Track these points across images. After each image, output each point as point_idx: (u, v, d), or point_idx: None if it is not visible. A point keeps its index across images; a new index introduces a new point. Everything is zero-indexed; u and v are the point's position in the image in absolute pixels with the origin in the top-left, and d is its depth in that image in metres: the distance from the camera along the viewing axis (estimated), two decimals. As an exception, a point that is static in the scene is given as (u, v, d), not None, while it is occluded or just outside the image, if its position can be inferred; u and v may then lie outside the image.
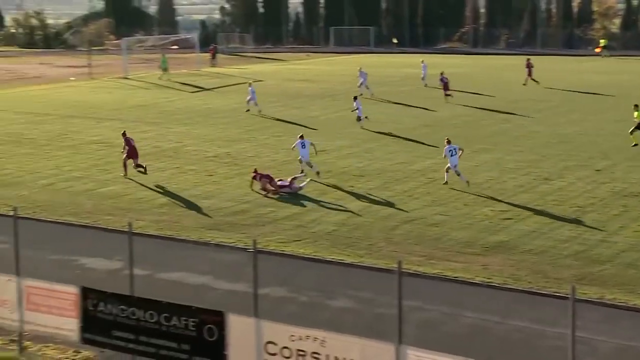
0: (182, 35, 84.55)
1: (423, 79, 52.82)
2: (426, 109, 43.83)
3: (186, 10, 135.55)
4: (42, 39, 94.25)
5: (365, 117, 37.77)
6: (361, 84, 48.43)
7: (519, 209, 24.17)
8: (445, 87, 46.60)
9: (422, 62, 55.03)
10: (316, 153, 28.72)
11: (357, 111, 37.66)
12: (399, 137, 35.87)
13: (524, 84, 52.31)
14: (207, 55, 70.20)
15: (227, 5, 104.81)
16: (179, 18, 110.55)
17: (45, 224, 22.79)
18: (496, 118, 40.84)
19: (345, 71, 63.63)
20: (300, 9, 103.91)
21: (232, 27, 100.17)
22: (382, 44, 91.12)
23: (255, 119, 40.47)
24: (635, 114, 33.69)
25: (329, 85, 53.63)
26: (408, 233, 21.97)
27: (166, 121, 40.01)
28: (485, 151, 32.54)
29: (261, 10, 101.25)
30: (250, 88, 42.96)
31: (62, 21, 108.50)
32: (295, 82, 56.67)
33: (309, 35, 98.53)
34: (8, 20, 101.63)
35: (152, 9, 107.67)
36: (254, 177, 26.08)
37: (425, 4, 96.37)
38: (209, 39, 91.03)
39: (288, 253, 20.38)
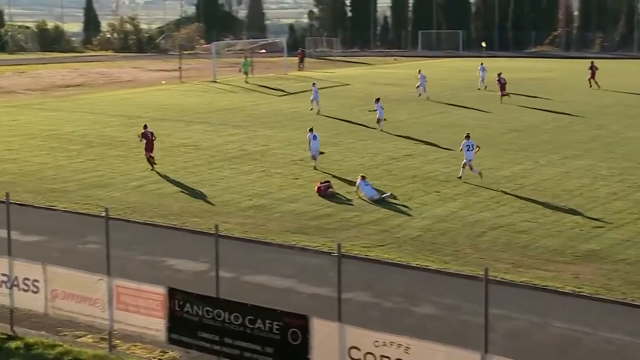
0: (270, 39, 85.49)
1: (482, 81, 53.21)
2: (515, 114, 43.09)
3: (275, 14, 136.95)
4: (135, 43, 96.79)
5: (384, 119, 38.32)
6: (419, 85, 49.32)
7: (612, 217, 23.45)
8: (503, 87, 47.11)
9: (482, 64, 55.42)
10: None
11: (377, 113, 38.24)
12: (486, 142, 35.35)
13: (590, 87, 52.48)
14: (295, 59, 70.79)
15: (315, 10, 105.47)
16: (267, 22, 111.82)
17: (135, 225, 23.33)
18: (588, 124, 39.79)
19: (433, 75, 63.07)
20: (388, 13, 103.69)
21: (320, 31, 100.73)
22: (470, 48, 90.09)
23: (341, 123, 40.53)
24: None
25: (416, 90, 53.20)
26: (495, 240, 21.59)
27: (253, 124, 40.48)
28: (577, 157, 31.73)
29: (349, 14, 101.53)
30: (313, 87, 44.41)
31: (155, 26, 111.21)
32: (382, 86, 56.52)
33: (397, 39, 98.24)
34: (104, 25, 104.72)
35: (242, 13, 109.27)
36: (320, 191, 26.10)
37: (516, 7, 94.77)
38: (297, 43, 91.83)
39: (372, 258, 20.30)
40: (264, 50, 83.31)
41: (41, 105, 48.42)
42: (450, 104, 46.78)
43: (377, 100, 39.06)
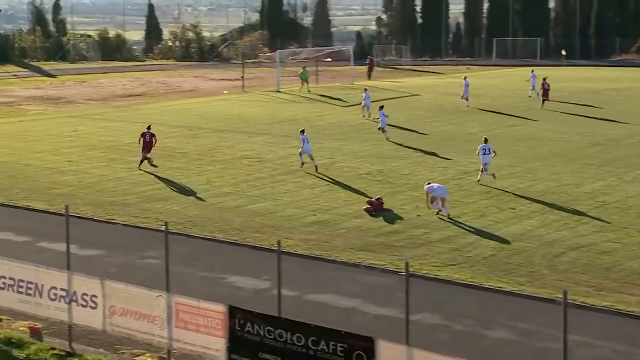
0: (337, 47, 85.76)
1: (532, 89, 54.27)
2: (596, 127, 42.33)
3: (341, 21, 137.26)
4: (197, 51, 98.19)
5: (382, 129, 39.27)
6: (463, 94, 51.02)
7: (703, 238, 22.80)
8: (545, 93, 49.06)
9: (532, 71, 56.43)
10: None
11: (380, 121, 39.62)
12: (566, 156, 34.80)
13: None
14: (362, 68, 70.90)
15: (384, 16, 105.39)
16: (333, 29, 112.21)
17: (195, 239, 23.64)
18: (680, 137, 38.86)
19: (508, 85, 62.55)
20: (461, 19, 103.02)
21: (389, 39, 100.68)
22: (549, 56, 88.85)
23: (410, 136, 40.41)
24: None
25: (490, 100, 52.81)
26: (574, 261, 21.20)
27: (317, 136, 40.63)
28: (665, 173, 30.99)
29: (420, 20, 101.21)
30: (365, 93, 47.07)
31: (218, 34, 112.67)
32: (453, 96, 56.16)
33: (470, 46, 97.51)
34: (166, 33, 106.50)
35: (307, 20, 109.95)
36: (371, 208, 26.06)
37: (599, 12, 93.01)
38: (365, 51, 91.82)
39: (442, 278, 20.15)
40: (329, 59, 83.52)
41: (101, 116, 49.51)
42: (525, 117, 46.20)
43: (381, 107, 40.27)
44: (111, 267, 20.84)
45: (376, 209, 26.05)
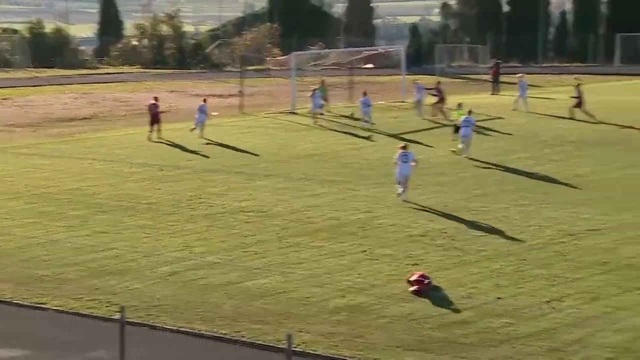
0: (382, 48, 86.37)
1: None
2: None
3: (389, 9, 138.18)
4: (175, 54, 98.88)
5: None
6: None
7: None
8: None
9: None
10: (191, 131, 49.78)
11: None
12: None
13: None
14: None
15: (452, 2, 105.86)
16: (377, 22, 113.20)
17: (165, 333, 23.68)
18: None
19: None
20: (568, 7, 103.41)
21: (460, 36, 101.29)
22: None
23: (489, 178, 40.45)
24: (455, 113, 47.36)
25: (609, 128, 52.75)
26: None
27: (351, 179, 40.74)
28: None
29: (506, 8, 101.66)
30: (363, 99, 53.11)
31: (205, 28, 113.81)
32: (553, 119, 56.22)
33: (581, 47, 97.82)
34: (129, 27, 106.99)
35: (338, 8, 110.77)
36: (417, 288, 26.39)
37: None
38: (422, 54, 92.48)
39: (533, 392, 20.14)
40: (370, 65, 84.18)
41: (30, 149, 49.97)
42: None
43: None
44: (39, 373, 20.98)
45: (423, 290, 26.18)
